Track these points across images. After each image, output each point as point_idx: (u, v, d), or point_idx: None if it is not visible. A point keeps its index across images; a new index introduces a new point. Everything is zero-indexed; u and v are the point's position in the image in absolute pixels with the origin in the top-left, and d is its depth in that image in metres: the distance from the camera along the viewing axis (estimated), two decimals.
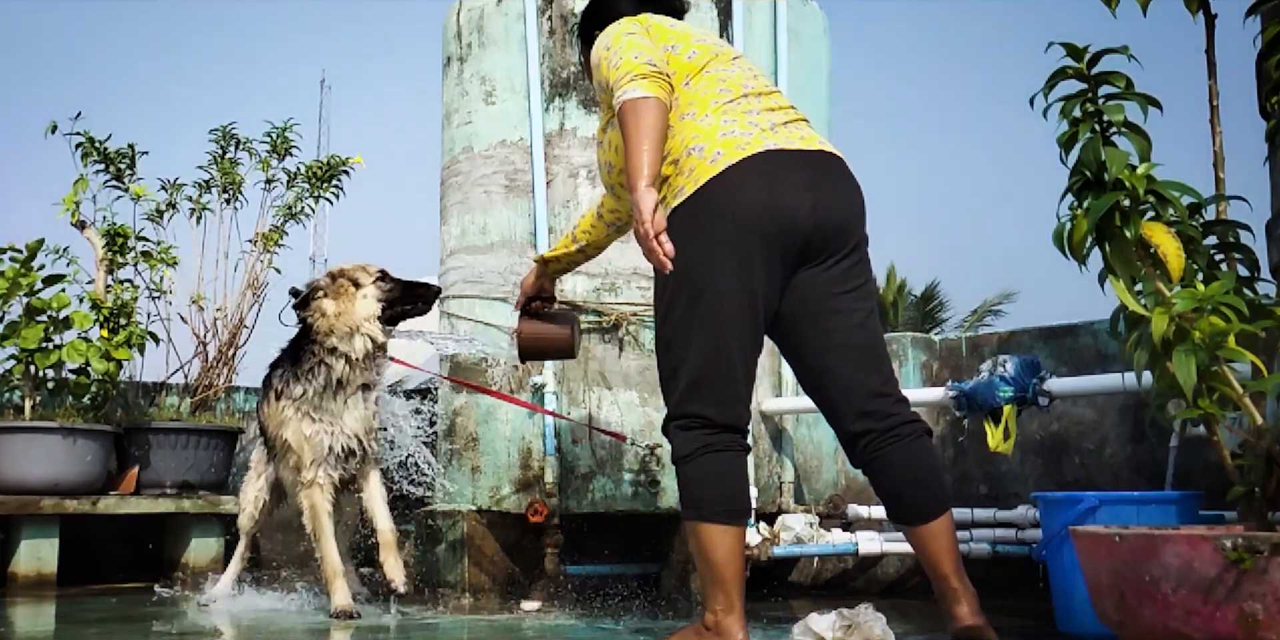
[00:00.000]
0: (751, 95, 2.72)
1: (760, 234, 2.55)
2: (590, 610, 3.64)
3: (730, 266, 2.55)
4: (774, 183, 2.58)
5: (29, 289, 5.01)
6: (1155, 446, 3.69)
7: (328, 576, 3.54)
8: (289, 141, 5.92)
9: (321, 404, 3.55)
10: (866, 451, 2.61)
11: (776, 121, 2.69)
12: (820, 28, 4.67)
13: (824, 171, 2.65)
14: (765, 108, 2.71)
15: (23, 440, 4.77)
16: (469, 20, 4.49)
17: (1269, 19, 2.29)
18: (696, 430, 2.60)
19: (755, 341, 2.63)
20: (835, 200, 2.63)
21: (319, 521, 3.55)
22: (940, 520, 2.56)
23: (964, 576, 2.54)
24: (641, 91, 2.55)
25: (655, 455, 3.95)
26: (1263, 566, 1.64)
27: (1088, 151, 2.05)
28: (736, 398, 2.61)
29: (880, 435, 2.59)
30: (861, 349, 2.63)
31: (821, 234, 2.59)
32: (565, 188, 4.20)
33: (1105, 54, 2.10)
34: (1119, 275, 2.02)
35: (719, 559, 2.53)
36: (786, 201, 2.56)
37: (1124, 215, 2.01)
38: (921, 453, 2.60)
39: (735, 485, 2.59)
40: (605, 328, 4.07)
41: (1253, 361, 1.96)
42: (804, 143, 2.67)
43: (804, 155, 2.64)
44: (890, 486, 2.61)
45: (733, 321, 2.57)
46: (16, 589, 4.62)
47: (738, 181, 2.56)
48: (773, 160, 2.60)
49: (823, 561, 4.43)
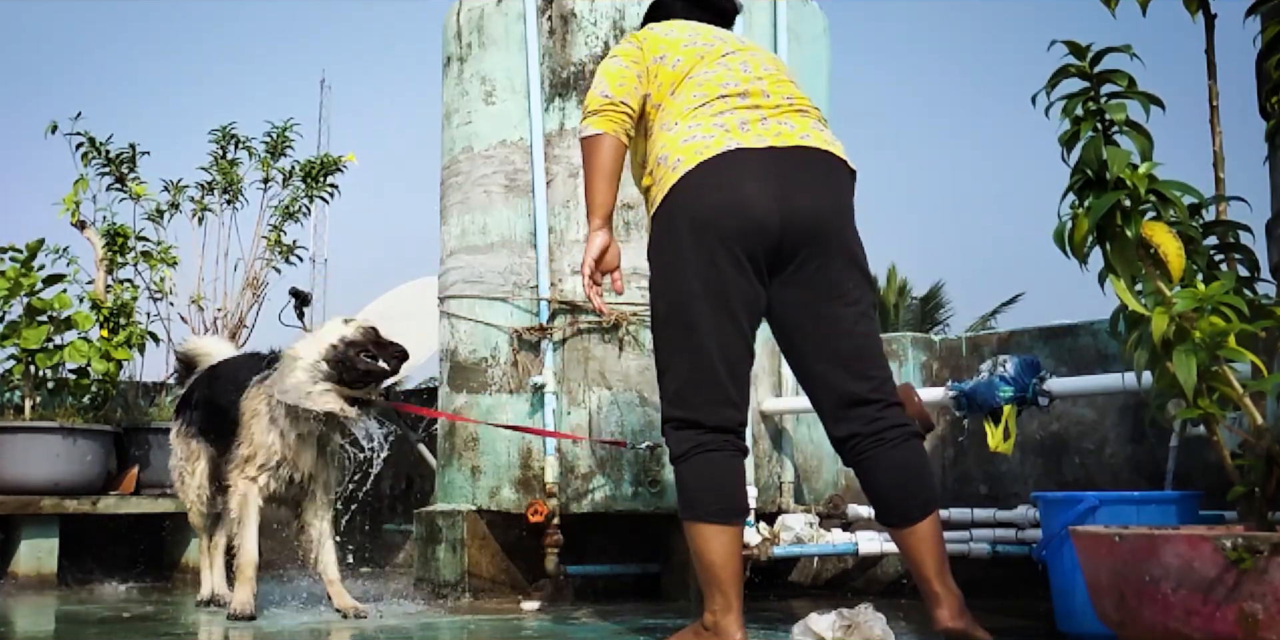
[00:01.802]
0: (731, 95, 2.71)
1: (719, 235, 2.56)
2: (590, 610, 3.64)
3: (697, 270, 2.58)
4: (729, 183, 2.58)
5: (29, 289, 5.02)
6: (1155, 446, 3.69)
7: (240, 566, 3.47)
8: (288, 140, 5.92)
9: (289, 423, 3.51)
10: (853, 454, 2.62)
11: (749, 119, 2.67)
12: (820, 28, 4.67)
13: (793, 168, 2.62)
14: (741, 106, 2.70)
15: (23, 440, 4.78)
16: (469, 20, 4.49)
17: (1269, 19, 2.29)
18: (688, 431, 2.61)
19: (738, 342, 2.61)
20: (805, 198, 2.59)
21: (247, 510, 3.50)
22: (924, 523, 2.55)
23: (947, 579, 2.53)
24: (592, 129, 2.73)
25: (655, 455, 3.95)
26: (1263, 566, 1.64)
27: (1089, 150, 2.05)
28: (723, 400, 2.60)
29: (865, 439, 2.59)
30: (849, 355, 2.61)
31: (793, 233, 2.57)
32: (565, 188, 4.20)
33: (1107, 53, 2.09)
34: (1120, 275, 2.02)
35: (714, 559, 2.53)
36: (744, 201, 2.56)
37: (1125, 214, 2.01)
38: (907, 455, 2.59)
39: (728, 485, 2.59)
40: (605, 328, 4.07)
41: (1253, 361, 1.96)
42: (778, 139, 2.64)
43: (771, 153, 2.62)
44: (875, 488, 2.62)
45: (708, 324, 2.58)
46: (16, 589, 4.62)
47: (694, 184, 2.61)
48: (731, 160, 2.60)
49: (823, 561, 4.43)
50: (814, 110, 2.79)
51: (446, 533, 4.18)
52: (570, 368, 4.07)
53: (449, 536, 4.17)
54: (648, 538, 4.19)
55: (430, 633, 3.17)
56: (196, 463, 3.89)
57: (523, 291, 4.17)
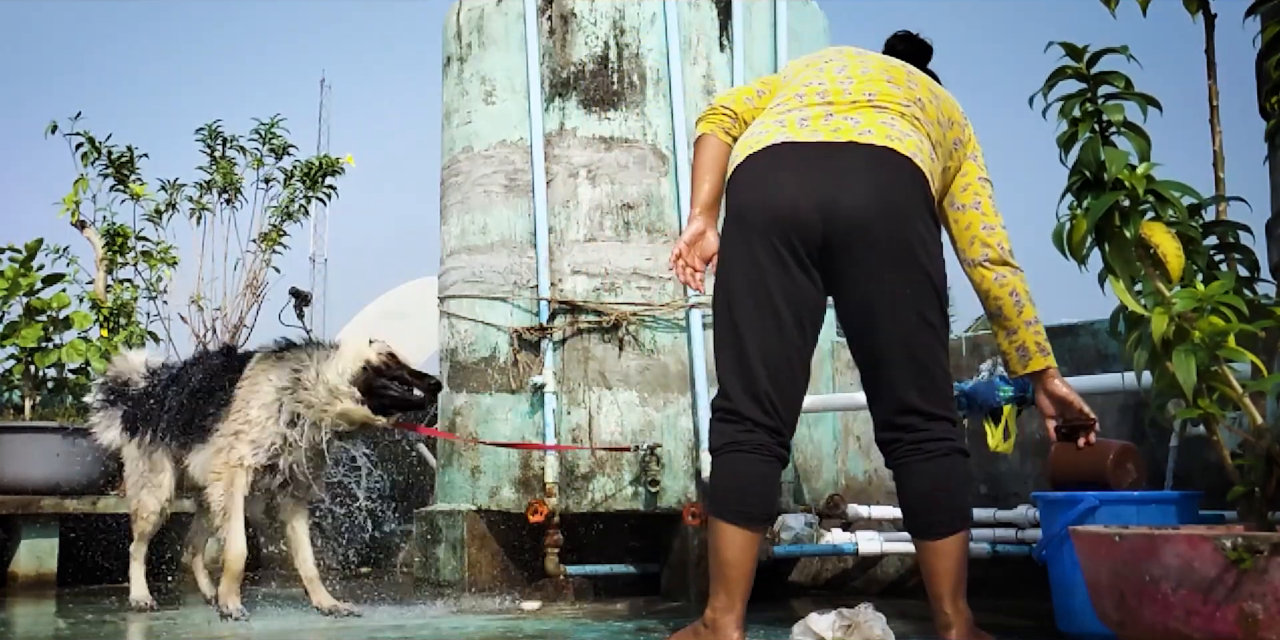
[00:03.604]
0: (808, 94, 2.70)
1: (757, 229, 2.55)
2: (590, 610, 3.64)
3: (739, 264, 2.59)
4: (764, 177, 2.58)
5: (29, 289, 5.02)
6: (1155, 446, 3.69)
7: (228, 562, 3.40)
8: (276, 135, 5.90)
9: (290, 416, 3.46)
10: (892, 458, 2.61)
11: (812, 116, 2.64)
12: (820, 28, 4.67)
13: (841, 163, 2.55)
14: (813, 103, 2.67)
15: (23, 440, 4.78)
16: (469, 20, 4.49)
17: (1269, 19, 2.29)
18: (728, 425, 2.59)
19: (777, 339, 2.56)
20: (849, 194, 2.51)
21: (234, 500, 3.38)
22: (949, 540, 2.52)
23: (960, 602, 2.51)
24: (697, 131, 2.88)
25: (655, 455, 3.95)
26: (1263, 566, 1.64)
27: (1087, 151, 2.05)
28: (755, 395, 2.56)
29: (906, 446, 2.57)
30: (902, 361, 2.55)
31: (837, 229, 2.50)
32: (565, 187, 4.20)
33: (1104, 54, 2.09)
34: (1119, 275, 2.02)
35: (726, 557, 2.53)
36: (775, 193, 2.55)
37: (1123, 215, 2.01)
38: (943, 469, 2.55)
39: (752, 489, 2.56)
40: (605, 328, 4.07)
41: (1253, 361, 1.96)
42: (835, 134, 2.58)
43: (821, 147, 2.57)
44: (905, 497, 2.61)
45: (747, 319, 2.57)
46: (16, 589, 4.62)
47: (739, 180, 2.63)
48: (773, 154, 2.60)
49: (823, 561, 4.43)
50: (897, 106, 2.65)
51: (446, 533, 4.18)
52: (570, 367, 4.07)
53: (449, 536, 4.17)
54: (647, 538, 4.19)
55: (430, 633, 3.17)
56: (161, 475, 3.74)
57: (523, 291, 4.17)
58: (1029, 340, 2.77)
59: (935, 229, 2.63)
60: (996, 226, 2.77)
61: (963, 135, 2.79)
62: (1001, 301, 2.75)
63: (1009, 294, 2.75)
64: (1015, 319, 2.76)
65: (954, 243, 2.81)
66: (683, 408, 4.07)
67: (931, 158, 2.64)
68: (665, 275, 4.12)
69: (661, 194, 4.18)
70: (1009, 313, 2.76)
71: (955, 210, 2.80)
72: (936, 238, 2.63)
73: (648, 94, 4.23)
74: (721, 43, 4.32)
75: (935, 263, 2.59)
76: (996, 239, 2.76)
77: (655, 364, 4.08)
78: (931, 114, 2.71)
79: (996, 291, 2.75)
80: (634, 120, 4.21)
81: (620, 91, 4.22)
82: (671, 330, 4.11)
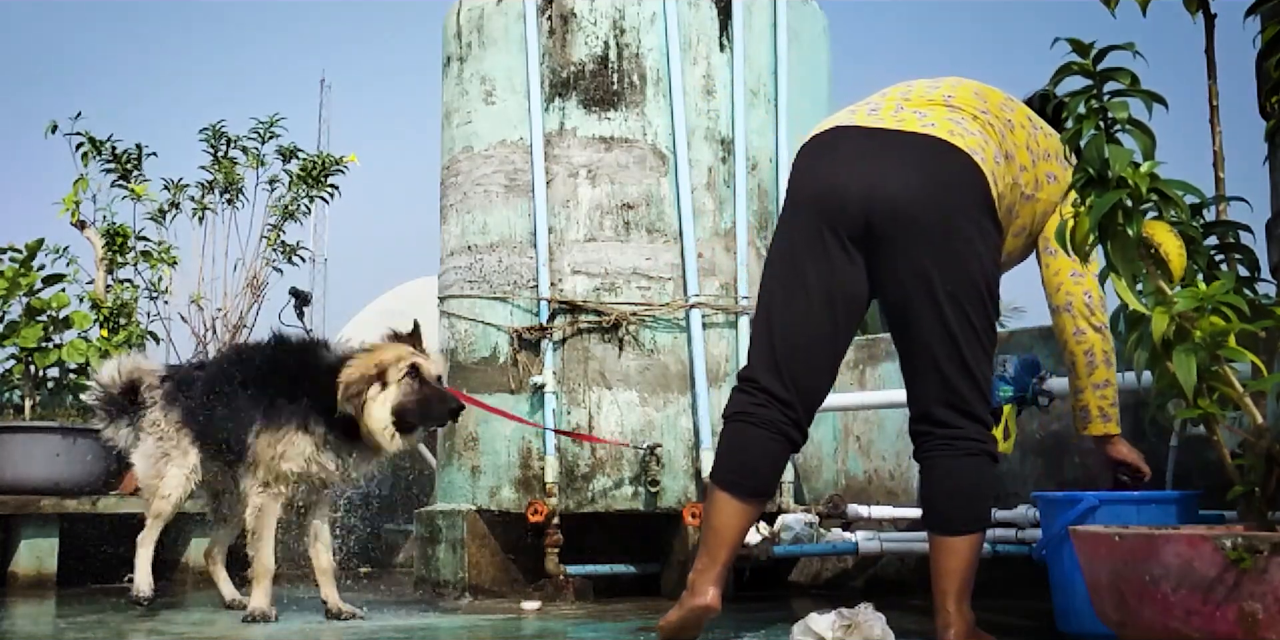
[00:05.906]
0: (893, 91, 2.72)
1: (803, 208, 2.61)
2: (590, 610, 3.64)
3: (780, 244, 2.65)
4: (821, 156, 2.62)
5: (29, 289, 5.02)
6: (1155, 446, 3.69)
7: (257, 574, 3.42)
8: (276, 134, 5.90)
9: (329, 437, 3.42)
10: (920, 451, 2.63)
11: (882, 106, 2.65)
12: (820, 28, 4.67)
13: (894, 149, 2.53)
14: (890, 98, 2.68)
15: (23, 440, 4.77)
16: (469, 20, 4.49)
17: (1269, 19, 2.29)
18: (745, 395, 2.62)
19: (804, 320, 2.57)
20: (894, 178, 2.49)
21: (264, 522, 3.43)
22: (962, 539, 2.53)
23: (964, 604, 2.51)
24: None
25: (655, 455, 3.95)
26: (1263, 566, 1.64)
27: (1091, 149, 2.04)
28: (773, 366, 2.59)
29: (937, 440, 2.58)
30: (941, 357, 2.53)
31: (879, 212, 2.48)
32: (565, 187, 4.20)
33: (1110, 50, 2.09)
34: (1121, 274, 2.02)
35: (715, 523, 2.57)
36: (828, 174, 2.58)
37: (1127, 213, 2.00)
38: (967, 468, 2.56)
39: (751, 461, 2.59)
40: (605, 327, 4.07)
41: (1253, 361, 1.95)
42: (898, 124, 2.56)
43: (877, 133, 2.57)
44: (926, 491, 2.62)
45: (778, 297, 2.61)
46: (16, 589, 4.62)
47: (797, 161, 2.71)
48: (829, 136, 2.65)
49: (823, 561, 4.43)
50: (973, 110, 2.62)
51: (446, 533, 4.18)
52: (570, 367, 4.07)
53: (449, 536, 4.17)
54: (647, 538, 4.19)
55: (430, 633, 3.17)
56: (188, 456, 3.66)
57: (522, 291, 4.17)
58: (1091, 404, 2.86)
59: (992, 230, 2.57)
60: (1087, 275, 2.77)
61: (1062, 175, 2.71)
62: (1076, 359, 2.82)
63: (1084, 353, 2.81)
64: (1084, 379, 2.84)
65: (1044, 287, 2.85)
66: (683, 408, 4.07)
67: (997, 162, 2.57)
68: (665, 275, 4.12)
69: (661, 194, 4.18)
70: (1080, 372, 2.83)
71: (1047, 255, 2.81)
72: (991, 239, 2.57)
73: (648, 94, 4.23)
74: (721, 43, 4.32)
75: (983, 262, 2.54)
76: (1083, 287, 2.78)
77: (655, 364, 4.08)
78: (1020, 138, 2.67)
79: (1073, 347, 2.81)
80: (634, 120, 4.21)
81: (620, 91, 4.22)
82: (671, 330, 4.11)
